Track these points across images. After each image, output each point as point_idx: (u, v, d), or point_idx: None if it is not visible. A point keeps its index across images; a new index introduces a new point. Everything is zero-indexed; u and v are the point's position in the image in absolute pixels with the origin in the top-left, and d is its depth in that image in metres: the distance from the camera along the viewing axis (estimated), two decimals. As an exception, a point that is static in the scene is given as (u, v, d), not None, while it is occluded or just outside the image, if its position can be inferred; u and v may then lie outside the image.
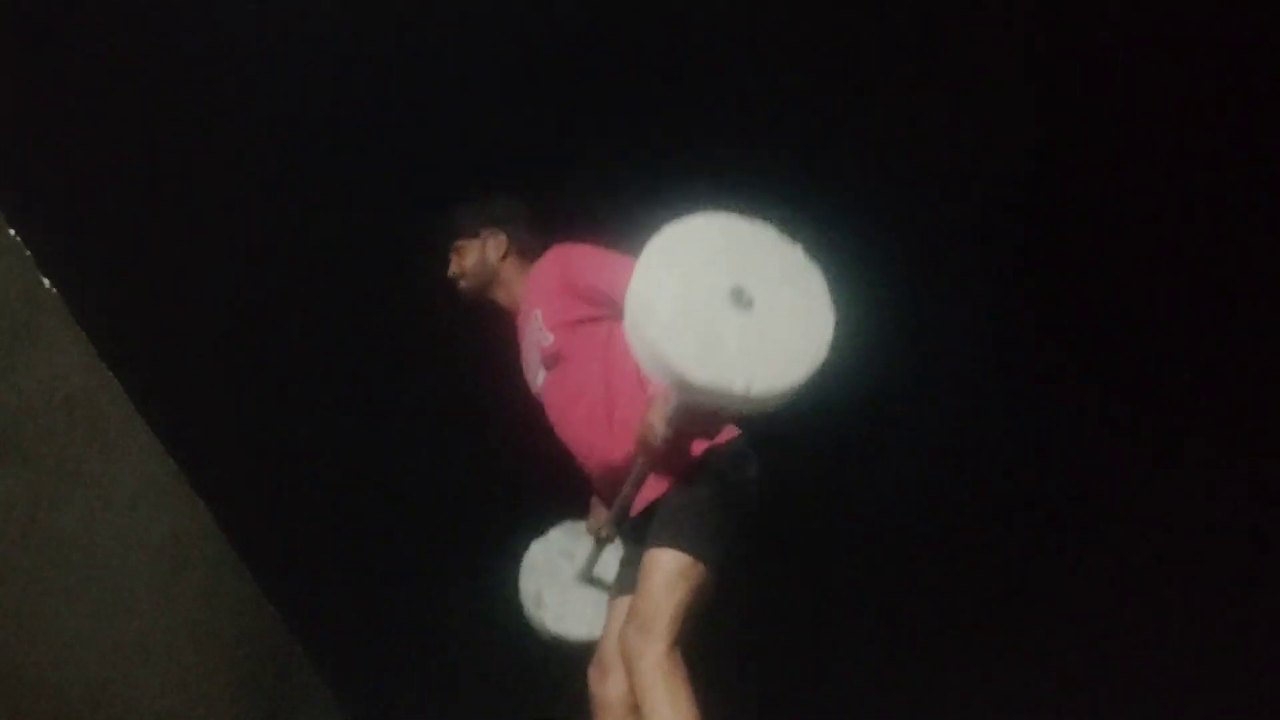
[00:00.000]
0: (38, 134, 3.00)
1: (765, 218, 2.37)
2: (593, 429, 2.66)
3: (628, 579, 2.67)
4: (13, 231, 2.19)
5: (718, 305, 2.24)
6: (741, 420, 2.57)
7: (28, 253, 2.22)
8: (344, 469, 3.94)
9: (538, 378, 2.79)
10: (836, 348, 2.27)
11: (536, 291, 2.80)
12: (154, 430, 2.69)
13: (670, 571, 2.44)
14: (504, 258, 2.90)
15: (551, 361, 2.72)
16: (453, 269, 2.94)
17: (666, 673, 2.35)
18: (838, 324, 2.29)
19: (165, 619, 2.71)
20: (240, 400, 3.67)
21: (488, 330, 2.97)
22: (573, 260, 2.75)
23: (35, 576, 2.16)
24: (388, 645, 4.19)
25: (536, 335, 2.75)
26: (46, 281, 2.26)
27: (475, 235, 2.92)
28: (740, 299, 2.25)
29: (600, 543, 2.88)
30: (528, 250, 2.90)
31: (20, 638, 2.12)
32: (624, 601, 2.64)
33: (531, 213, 2.98)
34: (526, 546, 3.07)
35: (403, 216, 3.55)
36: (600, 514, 2.89)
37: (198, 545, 2.91)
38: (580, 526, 3.03)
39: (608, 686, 2.64)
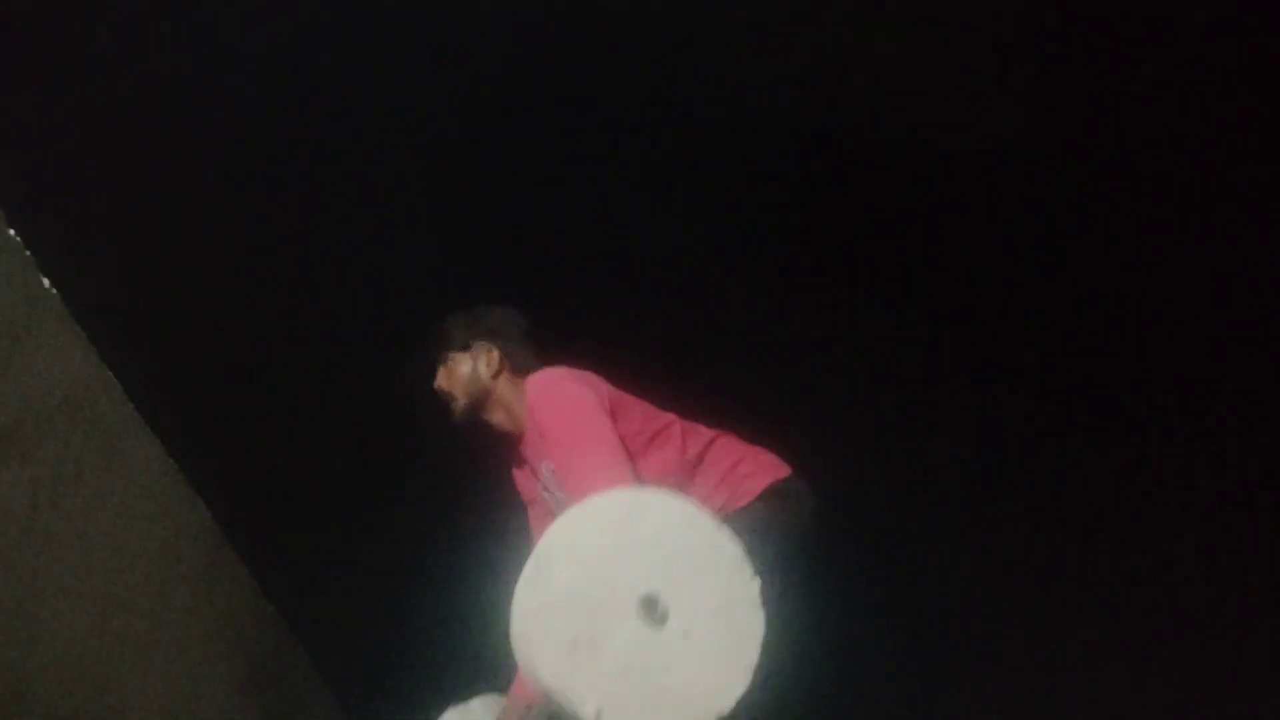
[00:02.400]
0: (38, 134, 3.00)
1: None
2: None
3: None
4: (13, 231, 2.20)
5: (621, 607, 1.87)
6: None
7: (28, 253, 2.23)
8: (344, 469, 3.94)
9: (558, 503, 2.53)
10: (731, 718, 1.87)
11: (539, 443, 2.54)
12: (154, 430, 2.70)
13: None
14: (497, 375, 2.67)
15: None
16: (439, 383, 2.72)
17: None
18: (747, 693, 1.88)
19: (165, 619, 2.71)
20: (240, 400, 3.67)
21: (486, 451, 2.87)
22: (539, 421, 2.49)
23: (35, 576, 2.17)
24: (388, 645, 4.18)
25: (551, 486, 2.53)
26: (46, 281, 2.27)
27: (465, 349, 2.71)
28: (651, 611, 1.88)
29: None
30: (524, 366, 2.67)
31: (21, 637, 2.12)
32: None
33: (529, 326, 2.77)
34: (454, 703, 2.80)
35: (404, 216, 3.55)
36: (515, 708, 2.63)
37: (197, 545, 2.92)
38: (499, 702, 2.76)
39: None
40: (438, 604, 4.12)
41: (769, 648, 1.92)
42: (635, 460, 2.38)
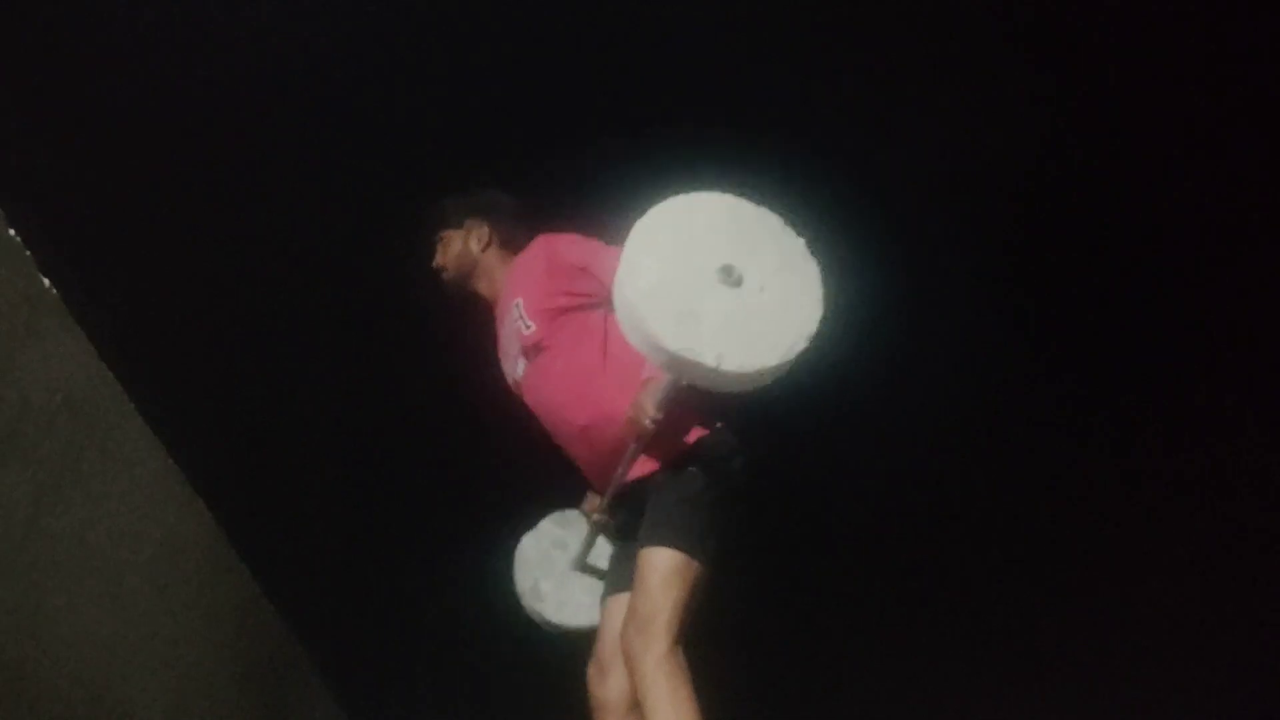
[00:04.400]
0: (38, 134, 3.00)
1: (771, 205, 2.37)
2: (573, 415, 2.66)
3: (621, 577, 2.68)
4: (13, 231, 2.19)
5: (705, 278, 2.23)
6: (729, 406, 2.57)
7: (28, 253, 2.22)
8: (343, 468, 3.94)
9: (517, 368, 2.78)
10: (820, 342, 2.25)
11: (518, 280, 2.80)
12: (154, 430, 2.69)
13: (666, 570, 2.44)
14: (486, 248, 2.92)
15: (533, 350, 2.72)
16: (437, 259, 2.96)
17: (668, 672, 2.36)
18: (824, 319, 2.27)
19: (165, 618, 2.71)
20: (240, 400, 3.67)
21: (479, 329, 2.97)
22: (559, 244, 2.76)
23: (35, 576, 2.16)
24: (388, 645, 4.19)
25: (517, 325, 2.74)
26: (46, 281, 2.26)
27: (459, 226, 2.95)
28: (729, 276, 2.24)
29: (594, 528, 2.89)
30: (511, 242, 2.92)
31: (20, 638, 2.12)
32: (618, 600, 2.64)
33: (517, 205, 3.00)
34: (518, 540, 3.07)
35: (400, 216, 3.55)
36: (593, 499, 2.90)
37: (197, 545, 2.91)
38: (570, 515, 3.05)
39: (607, 686, 2.64)
40: (438, 603, 4.12)
41: (827, 285, 2.30)
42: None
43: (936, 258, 3.69)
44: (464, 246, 2.94)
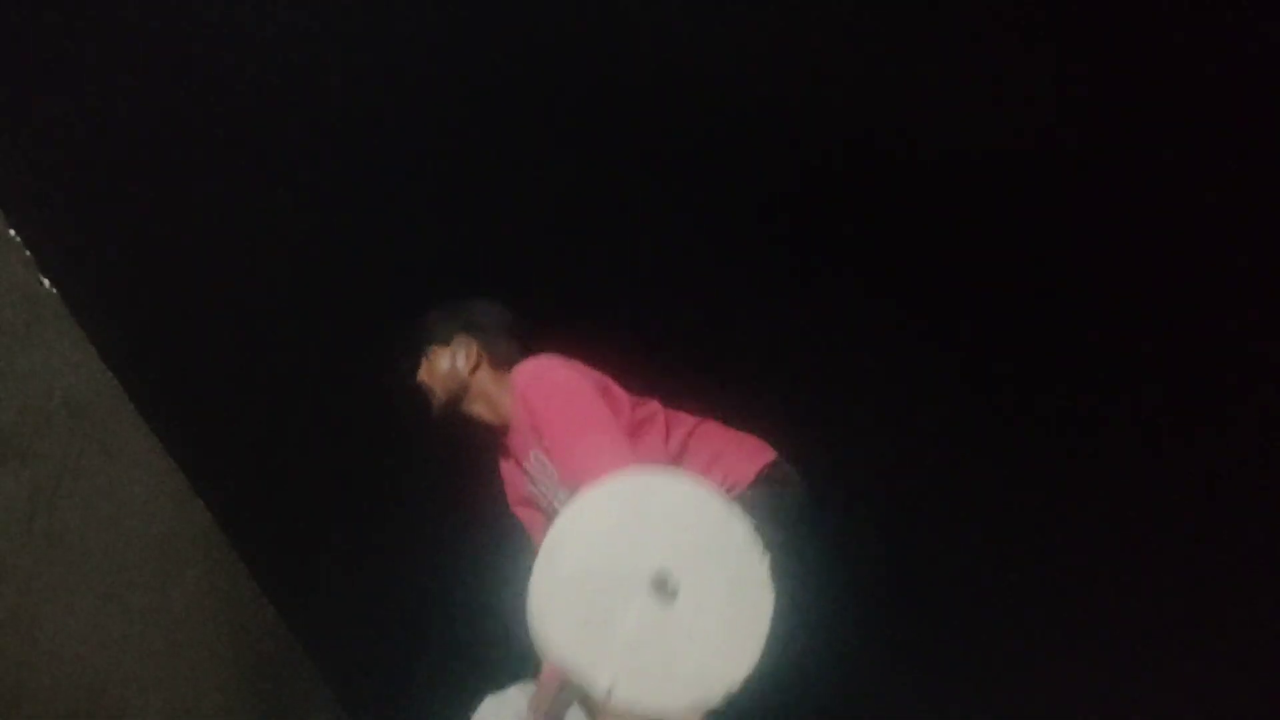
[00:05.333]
0: (38, 134, 3.00)
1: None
2: None
3: None
4: (13, 231, 2.19)
5: (633, 584, 1.92)
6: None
7: (28, 253, 2.23)
8: (343, 469, 3.94)
9: (559, 499, 2.54)
10: (740, 693, 1.91)
11: (524, 422, 2.55)
12: (153, 430, 2.70)
13: None
14: (475, 369, 2.69)
15: (574, 487, 2.44)
16: (421, 375, 2.76)
17: None
18: (754, 672, 1.93)
19: (165, 619, 2.71)
20: (240, 400, 3.67)
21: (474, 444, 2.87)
22: (531, 407, 2.49)
23: (35, 576, 2.16)
24: (388, 645, 4.19)
25: (547, 470, 2.54)
26: (46, 281, 2.27)
27: (446, 343, 2.74)
28: (662, 589, 1.91)
29: None
30: (504, 360, 2.69)
31: (20, 637, 2.12)
32: None
33: (510, 319, 2.79)
34: (482, 697, 2.84)
35: (402, 216, 3.55)
36: (544, 690, 2.64)
37: (197, 545, 2.92)
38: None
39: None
40: (438, 604, 4.12)
41: (777, 626, 1.95)
42: None
43: (926, 256, 3.69)
44: (452, 365, 2.70)
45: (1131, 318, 3.67)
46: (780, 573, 2.12)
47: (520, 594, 2.98)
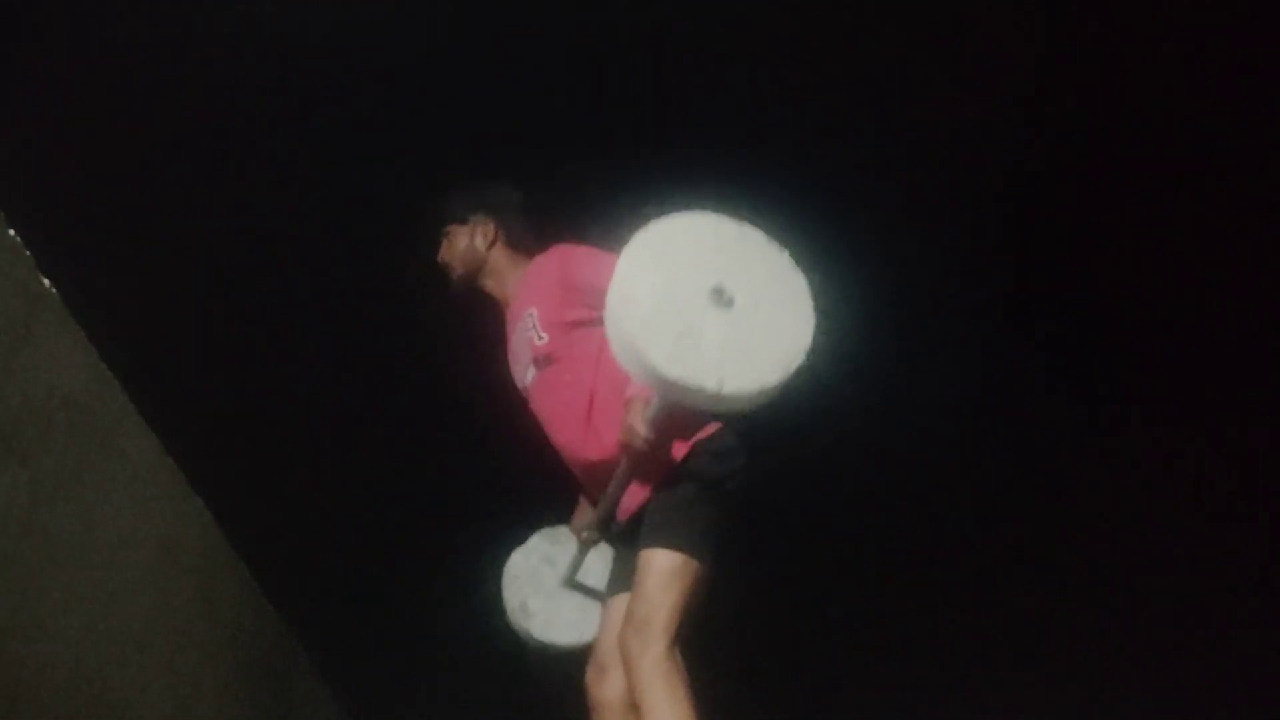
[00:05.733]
0: (37, 134, 3.00)
1: (756, 218, 2.35)
2: (578, 430, 2.66)
3: (622, 581, 2.67)
4: (13, 231, 2.19)
5: (698, 302, 2.23)
6: (725, 417, 2.56)
7: (28, 253, 2.22)
8: (343, 469, 3.95)
9: (527, 375, 2.77)
10: (815, 354, 2.25)
11: (532, 289, 2.77)
12: (153, 430, 2.70)
13: (664, 571, 2.44)
14: (491, 246, 2.87)
15: (543, 361, 2.70)
16: (441, 254, 2.91)
17: (665, 672, 2.36)
18: (818, 330, 2.28)
19: (164, 619, 2.71)
20: (239, 400, 3.67)
21: (485, 330, 2.95)
22: (574, 259, 2.72)
23: (34, 576, 2.16)
24: (388, 645, 4.19)
25: (530, 333, 2.73)
26: (46, 281, 2.26)
27: (465, 221, 2.90)
28: (721, 298, 2.24)
29: (583, 545, 2.85)
30: (518, 241, 2.88)
31: (20, 637, 2.12)
32: (618, 601, 2.64)
33: (526, 203, 2.95)
34: (509, 554, 3.02)
35: (403, 218, 3.55)
36: (585, 514, 2.87)
37: (197, 545, 2.91)
38: (561, 532, 3.00)
39: (605, 687, 2.64)
40: (437, 603, 4.12)
41: (816, 297, 2.31)
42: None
43: (924, 258, 3.69)
44: (470, 243, 2.88)
45: (1131, 318, 3.67)
46: (725, 553, 2.49)
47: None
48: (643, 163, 3.48)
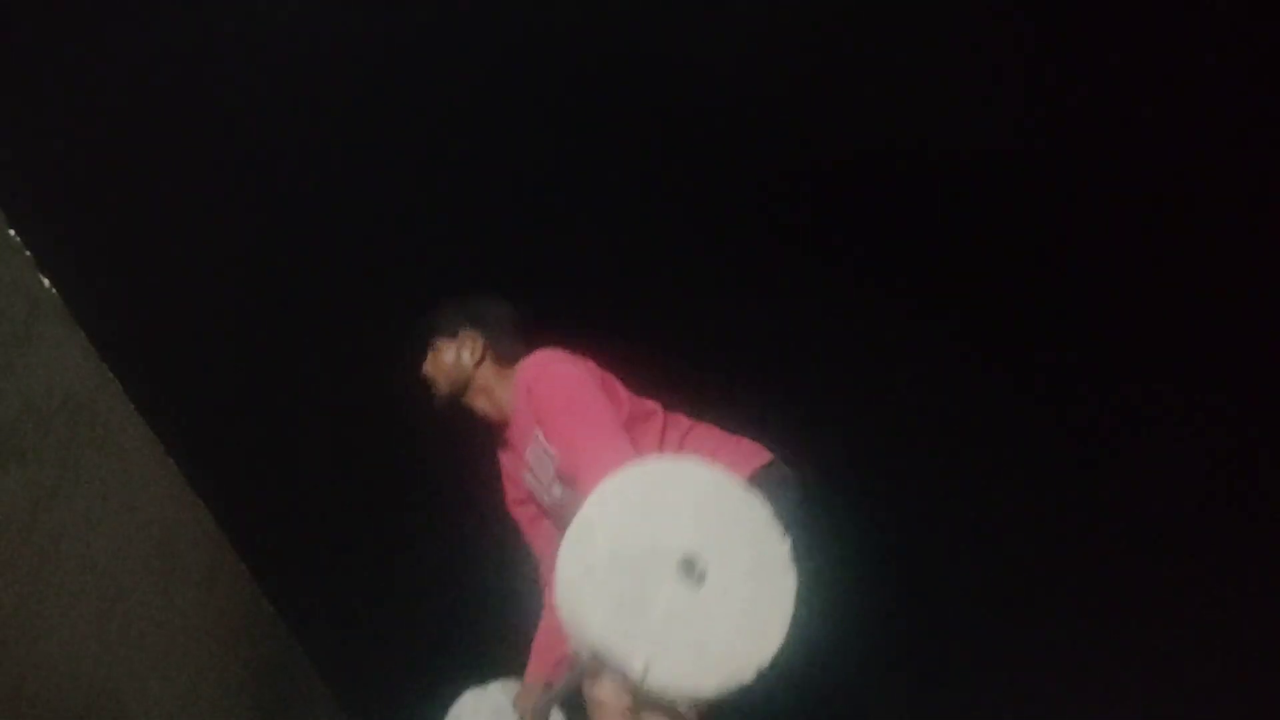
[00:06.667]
0: (37, 134, 3.00)
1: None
2: None
3: None
4: (13, 231, 2.19)
5: (662, 567, 1.95)
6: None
7: (28, 253, 2.22)
8: (343, 469, 3.94)
9: (551, 492, 2.60)
10: (767, 672, 1.95)
11: (527, 407, 2.59)
12: (153, 430, 2.70)
13: None
14: (480, 363, 2.73)
15: (567, 479, 2.51)
16: (426, 368, 2.79)
17: None
18: (782, 650, 1.97)
19: (164, 619, 2.71)
20: (239, 400, 3.67)
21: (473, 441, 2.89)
22: (537, 397, 2.53)
23: (35, 576, 2.16)
24: (388, 645, 4.19)
25: (544, 455, 2.56)
26: (46, 281, 2.26)
27: (452, 335, 2.76)
28: (690, 571, 1.95)
29: None
30: (508, 356, 2.72)
31: (20, 637, 2.12)
32: None
33: (516, 316, 2.81)
34: (464, 692, 2.84)
35: (403, 217, 3.55)
36: (531, 692, 2.70)
37: (197, 545, 2.92)
38: (516, 686, 2.81)
39: (604, 686, 2.62)
40: (437, 603, 4.12)
41: (801, 605, 2.02)
42: None
43: (925, 259, 3.69)
44: (456, 359, 2.74)
45: (1130, 317, 3.67)
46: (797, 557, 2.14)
47: (515, 593, 2.98)
48: (647, 162, 3.49)
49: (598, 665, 2.02)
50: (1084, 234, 3.60)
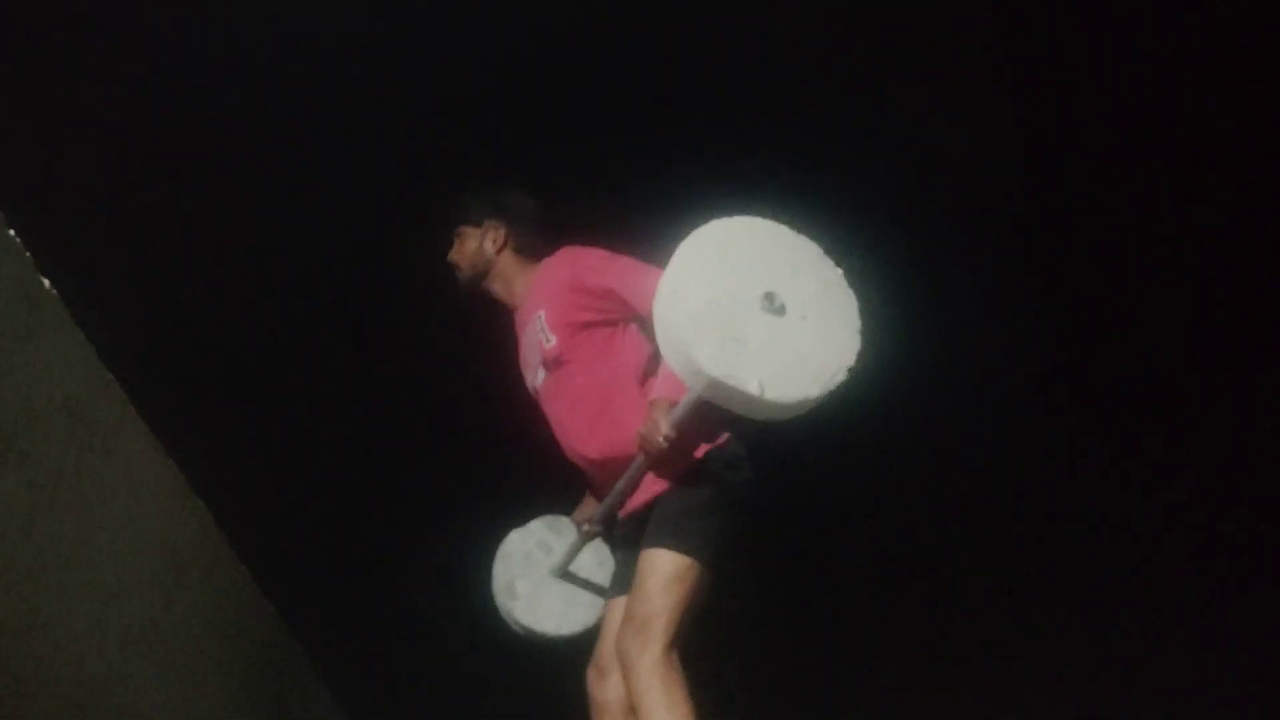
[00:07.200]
0: (37, 134, 3.00)
1: (810, 230, 2.35)
2: (588, 430, 2.67)
3: (622, 584, 2.68)
4: (13, 231, 2.19)
5: (748, 304, 2.24)
6: (745, 425, 2.55)
7: (28, 253, 2.22)
8: (343, 469, 3.95)
9: (537, 377, 2.78)
10: (856, 373, 2.26)
11: (541, 291, 2.79)
12: (153, 431, 2.69)
13: (666, 574, 2.45)
14: (501, 250, 2.90)
15: (553, 363, 2.71)
16: (451, 254, 2.94)
17: (663, 675, 2.36)
18: (863, 352, 2.29)
19: (165, 619, 2.71)
20: (239, 401, 3.67)
21: (486, 330, 2.97)
22: (585, 261, 2.74)
23: (34, 577, 2.16)
24: (388, 645, 4.19)
25: (538, 335, 2.74)
26: (46, 281, 2.26)
27: (478, 224, 2.93)
28: (772, 304, 2.24)
29: (583, 537, 2.87)
30: (529, 247, 2.90)
31: (19, 638, 2.12)
32: (619, 603, 2.64)
33: (540, 209, 2.97)
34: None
35: (404, 218, 3.55)
36: (589, 507, 2.89)
37: (197, 546, 2.91)
38: (562, 522, 3.02)
39: (606, 688, 2.64)
40: (437, 603, 4.12)
41: (865, 316, 2.34)
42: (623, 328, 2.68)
43: (951, 270, 3.69)
44: (479, 246, 2.91)
45: (1128, 317, 3.67)
46: (737, 564, 2.50)
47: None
48: (657, 163, 3.49)
49: (706, 398, 2.27)
50: (1084, 233, 3.60)
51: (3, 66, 2.92)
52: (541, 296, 2.77)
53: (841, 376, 2.25)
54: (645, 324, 2.60)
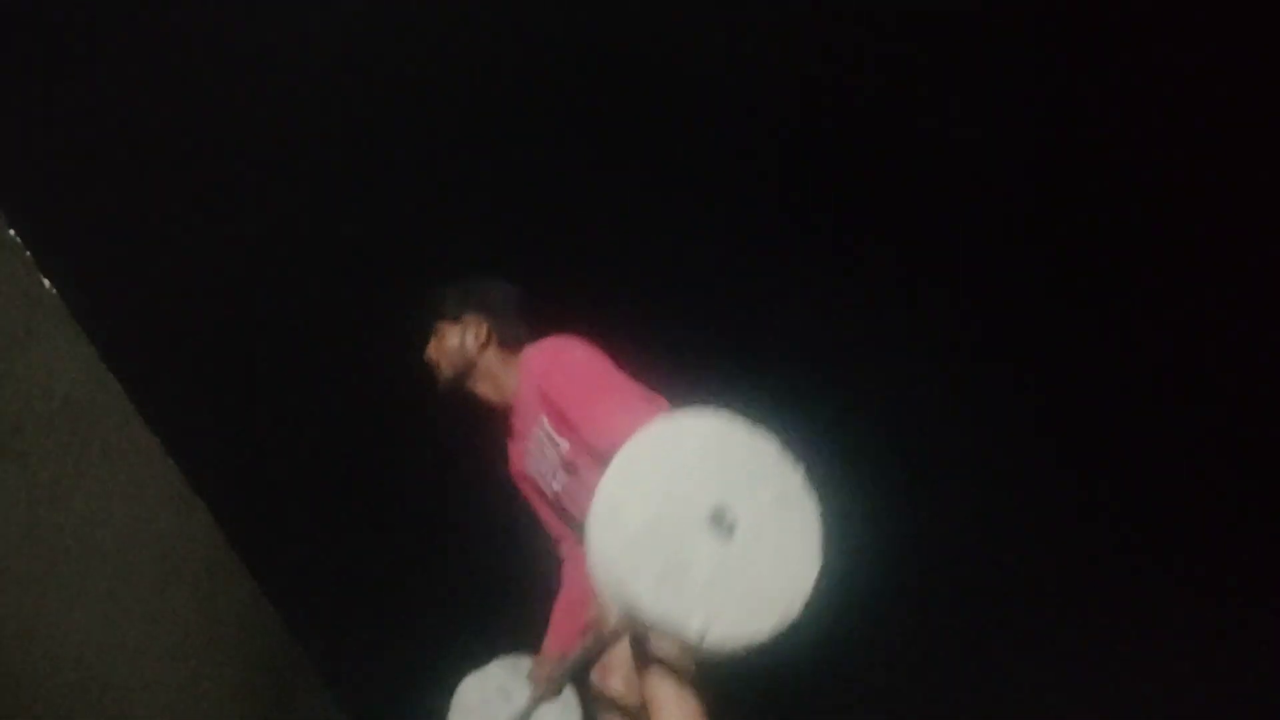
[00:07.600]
0: (37, 134, 3.00)
1: (769, 423, 2.09)
2: None
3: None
4: (13, 231, 2.19)
5: (694, 527, 1.96)
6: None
7: (28, 253, 2.22)
8: (343, 469, 3.94)
9: (555, 480, 2.60)
10: (814, 600, 1.98)
11: (534, 393, 2.58)
12: (153, 431, 2.69)
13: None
14: (484, 348, 2.68)
15: (571, 466, 2.53)
16: (429, 351, 2.74)
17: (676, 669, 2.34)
18: (821, 573, 2.00)
19: (165, 619, 2.71)
20: (239, 401, 3.67)
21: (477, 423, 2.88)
22: (551, 377, 2.53)
23: (35, 576, 2.16)
24: (387, 645, 4.18)
25: (547, 442, 2.57)
26: (46, 281, 2.26)
27: (456, 320, 2.71)
28: (720, 523, 1.97)
29: (538, 698, 2.67)
30: (513, 341, 2.68)
31: (20, 637, 2.12)
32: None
33: (524, 299, 2.77)
34: (463, 678, 2.81)
35: (404, 217, 3.55)
36: (547, 662, 2.72)
37: (197, 545, 2.91)
38: (521, 664, 2.82)
39: (612, 684, 2.63)
40: (437, 603, 4.12)
41: (826, 526, 2.04)
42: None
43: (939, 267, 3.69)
44: (460, 343, 2.69)
45: (1129, 316, 3.67)
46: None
47: (515, 593, 2.97)
48: (641, 152, 3.49)
49: (631, 628, 2.05)
50: (1085, 234, 3.60)
51: (3, 66, 2.92)
52: (537, 398, 2.56)
53: (796, 609, 1.96)
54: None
